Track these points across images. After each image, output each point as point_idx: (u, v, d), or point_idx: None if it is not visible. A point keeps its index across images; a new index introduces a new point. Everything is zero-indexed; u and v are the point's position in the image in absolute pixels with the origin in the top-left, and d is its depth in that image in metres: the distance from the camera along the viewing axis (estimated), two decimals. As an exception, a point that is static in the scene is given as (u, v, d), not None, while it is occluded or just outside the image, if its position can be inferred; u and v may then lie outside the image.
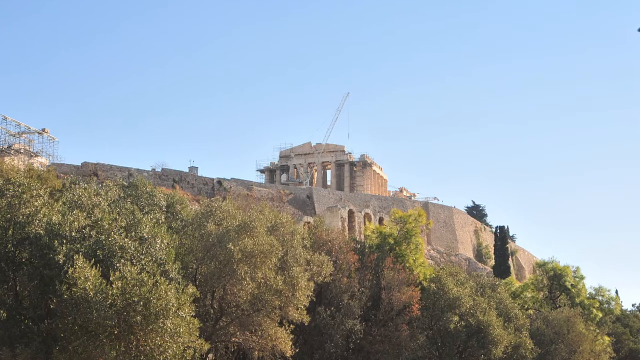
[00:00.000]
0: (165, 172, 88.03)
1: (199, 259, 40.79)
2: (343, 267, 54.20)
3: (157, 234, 35.28)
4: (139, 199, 41.95)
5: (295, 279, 42.27)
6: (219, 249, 39.96)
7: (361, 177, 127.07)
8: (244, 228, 40.69)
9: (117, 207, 37.62)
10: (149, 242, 34.64)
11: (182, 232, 42.28)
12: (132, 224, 35.26)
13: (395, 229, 63.52)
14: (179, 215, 44.11)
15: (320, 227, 57.63)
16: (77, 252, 31.85)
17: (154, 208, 41.75)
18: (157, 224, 37.95)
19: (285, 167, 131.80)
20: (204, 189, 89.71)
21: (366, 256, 58.19)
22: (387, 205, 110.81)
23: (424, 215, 65.93)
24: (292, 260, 43.95)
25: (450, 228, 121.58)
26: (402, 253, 61.33)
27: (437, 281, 59.04)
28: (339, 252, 54.51)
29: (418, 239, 63.64)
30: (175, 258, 36.35)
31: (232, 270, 39.62)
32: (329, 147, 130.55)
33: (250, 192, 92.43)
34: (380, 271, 57.04)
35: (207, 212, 42.50)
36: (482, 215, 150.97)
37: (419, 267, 62.10)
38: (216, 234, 40.41)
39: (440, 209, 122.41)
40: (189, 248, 41.15)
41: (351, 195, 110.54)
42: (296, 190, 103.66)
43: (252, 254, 39.72)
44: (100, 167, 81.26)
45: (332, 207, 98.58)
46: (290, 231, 45.35)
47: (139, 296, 30.87)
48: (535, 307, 78.73)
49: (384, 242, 61.59)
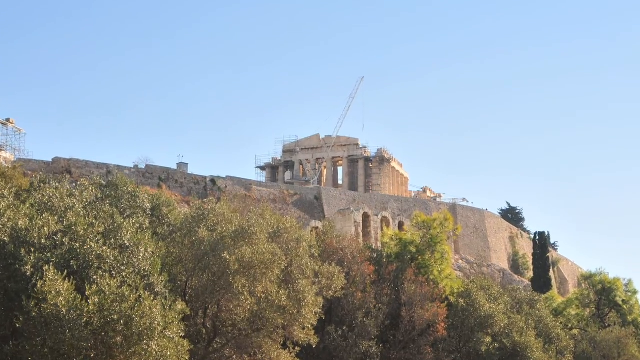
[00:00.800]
0: (150, 169, 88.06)
1: (189, 270, 40.78)
2: (357, 280, 54.33)
3: (141, 241, 35.23)
4: (119, 201, 41.87)
5: (301, 293, 42.24)
6: (213, 258, 39.94)
7: (378, 175, 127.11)
8: (241, 234, 40.68)
9: (94, 209, 37.54)
10: (130, 250, 34.59)
11: (170, 239, 42.29)
12: (112, 230, 35.18)
13: (417, 235, 63.47)
14: (165, 220, 44.10)
15: (330, 233, 57.73)
16: (47, 263, 31.72)
17: (136, 211, 41.70)
18: (141, 229, 37.86)
19: (289, 163, 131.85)
20: (194, 188, 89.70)
21: (384, 267, 58.28)
22: (408, 207, 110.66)
23: (451, 219, 65.85)
24: (298, 271, 43.96)
25: (482, 234, 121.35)
26: (426, 263, 61.39)
27: (466, 296, 59.02)
28: (352, 262, 54.60)
29: (444, 247, 63.65)
30: (161, 269, 36.30)
31: (227, 284, 39.58)
32: (341, 140, 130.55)
33: (248, 193, 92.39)
34: (400, 284, 57.06)
35: (198, 215, 42.47)
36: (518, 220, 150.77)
37: (445, 280, 62.11)
38: (209, 242, 40.40)
39: (469, 212, 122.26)
40: (177, 257, 41.16)
41: (366, 196, 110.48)
42: (302, 190, 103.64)
43: (251, 264, 39.69)
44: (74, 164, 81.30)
45: (344, 209, 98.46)
46: (295, 238, 45.36)
47: (119, 314, 30.76)
48: (581, 327, 78.51)
49: (405, 250, 61.62)
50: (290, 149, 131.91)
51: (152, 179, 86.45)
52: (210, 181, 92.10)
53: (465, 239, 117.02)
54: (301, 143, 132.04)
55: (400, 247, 62.29)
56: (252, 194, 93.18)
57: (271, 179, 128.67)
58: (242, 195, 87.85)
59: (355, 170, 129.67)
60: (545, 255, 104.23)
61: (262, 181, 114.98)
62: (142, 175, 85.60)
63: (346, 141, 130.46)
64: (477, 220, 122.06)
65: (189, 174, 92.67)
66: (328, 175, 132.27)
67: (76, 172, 79.47)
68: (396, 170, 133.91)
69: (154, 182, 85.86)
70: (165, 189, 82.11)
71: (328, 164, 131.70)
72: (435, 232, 63.12)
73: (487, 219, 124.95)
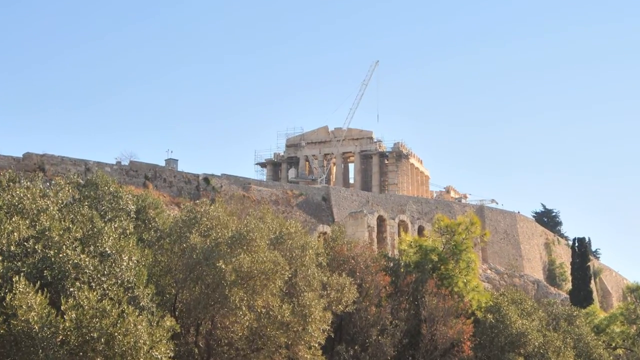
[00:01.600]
0: (135, 166, 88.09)
1: (180, 281, 40.83)
2: (370, 293, 54.35)
3: (124, 248, 35.31)
4: (99, 202, 41.93)
5: (307, 308, 42.32)
6: (206, 268, 39.99)
7: (395, 173, 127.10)
8: (238, 240, 40.75)
9: (71, 212, 37.64)
10: (112, 259, 34.67)
11: (157, 246, 42.42)
12: (91, 235, 35.25)
13: (440, 241, 63.58)
14: (152, 224, 44.22)
15: (340, 240, 57.76)
16: (17, 273, 31.80)
17: (119, 214, 41.78)
18: (124, 235, 37.91)
19: (293, 159, 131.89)
20: (185, 188, 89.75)
21: (401, 278, 58.35)
22: (429, 209, 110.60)
23: (478, 223, 65.83)
24: (303, 283, 44.04)
25: (513, 240, 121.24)
26: (450, 274, 61.35)
27: (495, 311, 58.98)
28: (365, 272, 54.59)
29: (470, 255, 63.64)
30: (147, 280, 36.37)
31: (223, 297, 39.60)
32: (352, 133, 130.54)
33: (247, 193, 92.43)
34: (420, 298, 57.08)
35: (190, 219, 42.52)
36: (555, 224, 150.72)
37: (472, 293, 62.07)
38: (202, 249, 40.44)
39: (499, 215, 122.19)
40: (166, 267, 41.23)
41: (381, 197, 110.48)
42: (308, 190, 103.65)
43: (250, 275, 39.76)
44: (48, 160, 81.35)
45: (355, 212, 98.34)
46: (300, 245, 45.41)
47: (99, 331, 30.84)
48: (626, 346, 78.36)
49: (425, 259, 61.60)
50: (294, 144, 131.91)
51: (137, 178, 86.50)
52: (204, 180, 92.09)
53: (495, 245, 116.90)
54: (307, 136, 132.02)
55: (420, 255, 62.18)
56: (251, 194, 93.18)
57: (273, 178, 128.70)
58: (239, 196, 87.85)
59: (369, 168, 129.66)
60: (586, 264, 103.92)
61: (263, 180, 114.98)
62: (125, 173, 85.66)
63: (358, 134, 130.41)
64: (508, 224, 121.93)
65: (179, 171, 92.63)
66: (338, 173, 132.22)
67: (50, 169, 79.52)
68: (415, 168, 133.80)
69: (139, 180, 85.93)
70: (152, 188, 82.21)
71: (338, 161, 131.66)
72: (460, 238, 63.17)
73: (520, 223, 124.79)
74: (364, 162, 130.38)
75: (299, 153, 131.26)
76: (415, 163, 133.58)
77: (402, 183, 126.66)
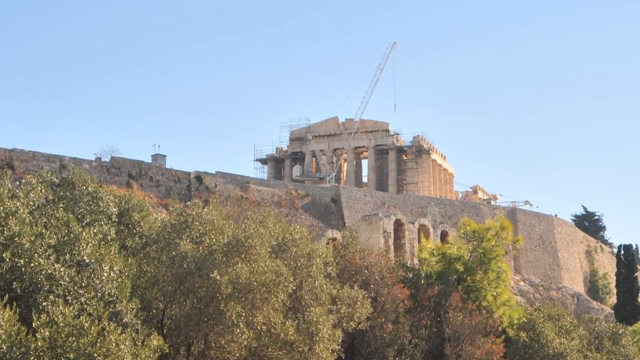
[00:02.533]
0: (117, 162, 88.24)
1: (168, 294, 40.84)
2: (387, 308, 54.43)
3: (105, 256, 35.30)
4: (76, 204, 41.82)
5: (314, 325, 42.36)
6: (199, 279, 40.01)
7: (414, 171, 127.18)
8: (235, 248, 40.76)
9: (44, 215, 37.61)
10: (91, 269, 34.61)
11: (143, 254, 42.42)
12: (66, 242, 35.22)
13: (466, 249, 63.72)
14: (137, 229, 44.14)
15: (351, 247, 57.87)
16: (-17, 284, 31.83)
17: (99, 217, 41.62)
18: (105, 241, 37.89)
19: (298, 155, 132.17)
20: (175, 188, 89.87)
21: (422, 290, 58.49)
22: (454, 212, 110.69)
23: (509, 228, 65.84)
24: (310, 296, 44.14)
25: (550, 248, 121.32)
26: (477, 286, 61.56)
27: (529, 328, 59.08)
28: (380, 284, 54.65)
29: (501, 265, 63.79)
30: (131, 293, 36.38)
31: (218, 312, 39.62)
32: (366, 125, 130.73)
33: (245, 193, 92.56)
34: (443, 313, 57.19)
35: (179, 223, 42.58)
36: (597, 229, 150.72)
37: (503, 308, 62.24)
38: (194, 257, 40.44)
39: (534, 218, 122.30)
40: (152, 278, 41.25)
41: (399, 198, 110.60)
42: (315, 190, 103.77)
43: (249, 287, 39.73)
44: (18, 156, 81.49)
45: (369, 215, 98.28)
46: (306, 253, 45.44)
47: (76, 351, 30.79)
48: (680, 368, 78.24)
49: (449, 269, 61.80)
50: (299, 137, 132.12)
51: (120, 176, 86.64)
52: (196, 178, 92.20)
53: (529, 253, 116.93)
54: (314, 129, 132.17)
55: (444, 264, 62.35)
56: (250, 195, 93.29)
57: (275, 176, 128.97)
58: (236, 197, 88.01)
59: (385, 165, 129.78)
60: (633, 274, 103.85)
61: (263, 178, 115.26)
62: (106, 171, 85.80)
63: (373, 126, 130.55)
64: (544, 229, 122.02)
65: (168, 169, 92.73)
66: (349, 170, 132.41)
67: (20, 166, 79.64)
68: (438, 164, 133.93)
69: (122, 179, 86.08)
70: (137, 188, 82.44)
71: (349, 156, 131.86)
72: (489, 245, 63.26)
73: (557, 227, 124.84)
74: (379, 158, 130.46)
75: (305, 148, 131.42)
76: (438, 159, 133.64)
77: (422, 182, 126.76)
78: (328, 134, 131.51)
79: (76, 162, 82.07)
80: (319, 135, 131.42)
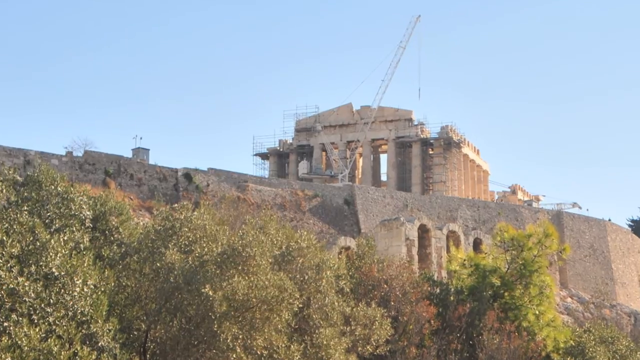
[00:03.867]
0: (91, 157, 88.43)
1: (152, 313, 40.97)
2: (410, 329, 54.44)
3: (77, 268, 35.41)
4: (43, 206, 41.86)
5: (324, 349, 42.58)
6: (188, 295, 40.15)
7: (442, 167, 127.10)
8: (231, 258, 40.82)
9: (5, 220, 37.54)
10: (61, 283, 34.72)
11: (122, 266, 42.42)
12: (32, 251, 35.30)
13: (503, 259, 63.81)
14: (115, 236, 44.17)
15: (368, 257, 58.24)
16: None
17: (70, 222, 41.56)
18: (77, 250, 37.97)
19: (305, 149, 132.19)
20: (160, 187, 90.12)
21: (451, 309, 58.52)
22: (489, 216, 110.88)
23: (555, 235, 65.70)
24: (319, 315, 44.26)
25: (603, 258, 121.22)
26: (516, 303, 61.59)
27: (578, 353, 59.16)
28: (402, 301, 54.89)
29: (544, 279, 63.75)
30: (108, 312, 36.49)
31: (210, 334, 39.79)
32: (385, 114, 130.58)
33: (242, 194, 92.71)
34: (476, 335, 57.31)
35: (165, 229, 42.66)
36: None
37: (546, 329, 62.06)
38: (182, 270, 40.49)
39: (583, 223, 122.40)
40: (133, 294, 41.37)
41: (424, 200, 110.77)
42: (326, 190, 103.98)
43: (247, 304, 39.91)
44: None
45: (389, 220, 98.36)
46: (314, 264, 45.54)
47: (44, 379, 31.03)
48: None
49: (484, 283, 61.85)
50: (306, 127, 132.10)
51: (95, 173, 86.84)
52: (184, 176, 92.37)
53: (577, 265, 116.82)
54: (324, 118, 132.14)
55: (477, 277, 62.38)
56: (249, 195, 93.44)
57: (278, 173, 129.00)
58: (232, 198, 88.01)
59: (407, 160, 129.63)
60: None
61: (264, 176, 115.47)
62: (78, 168, 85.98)
63: (393, 115, 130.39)
64: (595, 236, 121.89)
65: (152, 165, 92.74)
66: (365, 166, 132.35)
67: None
68: (470, 160, 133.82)
69: (98, 177, 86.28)
70: (115, 188, 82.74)
71: (365, 150, 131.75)
72: (530, 255, 63.19)
73: (611, 234, 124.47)
74: (401, 153, 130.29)
75: (313, 140, 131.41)
76: (470, 154, 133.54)
77: (452, 181, 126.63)
78: (340, 123, 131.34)
79: (43, 157, 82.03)
80: (329, 126, 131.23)
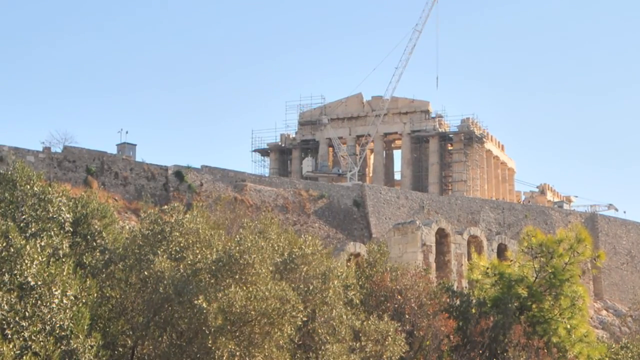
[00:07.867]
0: (72, 154, 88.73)
1: (139, 327, 41.13)
2: (426, 345, 54.46)
3: (55, 278, 35.48)
4: (18, 208, 42.16)
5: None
6: (179, 307, 40.38)
7: (462, 165, 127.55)
8: (227, 266, 40.97)
9: (-24, 223, 37.86)
10: (38, 294, 34.89)
11: (105, 275, 42.69)
12: (5, 259, 35.49)
13: (531, 267, 63.55)
14: (98, 241, 44.42)
15: (380, 265, 58.04)
16: None
17: (48, 226, 41.80)
18: (55, 257, 38.08)
19: (310, 144, 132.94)
20: (148, 187, 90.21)
21: (473, 322, 58.47)
22: (515, 219, 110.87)
23: (588, 240, 65.45)
24: (325, 330, 44.40)
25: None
26: (546, 316, 61.69)
27: (614, 372, 58.81)
28: (418, 314, 54.81)
29: (577, 289, 63.60)
30: (90, 326, 36.61)
31: (204, 350, 39.94)
32: (399, 105, 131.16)
33: (240, 195, 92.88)
34: (500, 352, 57.40)
35: (154, 233, 42.94)
36: None
37: (579, 345, 62.29)
38: (173, 279, 40.66)
39: (620, 227, 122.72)
40: (118, 306, 41.58)
41: (443, 201, 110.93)
42: (332, 190, 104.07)
43: (245, 317, 39.99)
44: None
45: (404, 224, 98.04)
46: (320, 272, 45.76)
47: (18, 402, 30.99)
48: None
49: (509, 293, 61.87)
50: (311, 120, 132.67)
51: (76, 171, 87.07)
52: (175, 175, 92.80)
53: (613, 273, 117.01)
54: (331, 110, 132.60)
55: (502, 288, 62.41)
56: (247, 196, 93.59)
57: (279, 172, 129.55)
58: (228, 199, 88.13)
59: (424, 156, 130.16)
60: None
61: (264, 175, 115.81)
62: (57, 165, 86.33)
63: (408, 106, 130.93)
64: (634, 242, 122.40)
65: (139, 162, 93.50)
66: (377, 164, 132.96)
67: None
68: (494, 157, 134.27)
69: (79, 175, 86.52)
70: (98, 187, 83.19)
71: (377, 146, 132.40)
72: (561, 263, 63.17)
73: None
74: (417, 149, 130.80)
75: (319, 135, 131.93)
76: (494, 150, 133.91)
77: (473, 179, 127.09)
78: (349, 116, 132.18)
79: (18, 153, 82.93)
80: (337, 118, 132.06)
